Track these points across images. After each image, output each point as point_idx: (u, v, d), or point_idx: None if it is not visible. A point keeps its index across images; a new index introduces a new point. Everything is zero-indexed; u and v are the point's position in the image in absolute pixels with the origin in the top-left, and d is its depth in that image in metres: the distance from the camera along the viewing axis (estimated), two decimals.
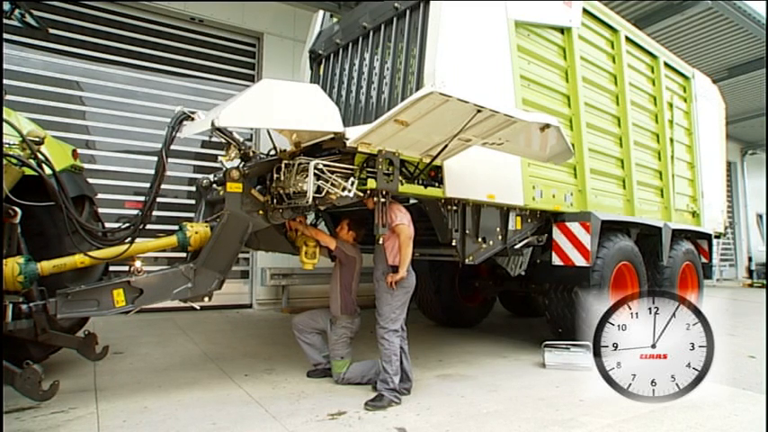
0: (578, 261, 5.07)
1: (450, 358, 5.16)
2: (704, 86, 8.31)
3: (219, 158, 4.23)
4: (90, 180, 4.53)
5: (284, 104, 3.52)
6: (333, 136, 3.71)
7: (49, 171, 3.40)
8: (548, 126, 3.45)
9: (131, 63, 7.88)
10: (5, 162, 3.11)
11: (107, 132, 7.65)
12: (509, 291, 7.33)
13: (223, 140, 3.93)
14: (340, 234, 4.25)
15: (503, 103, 3.74)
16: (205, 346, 5.54)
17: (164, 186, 3.84)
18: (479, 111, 3.05)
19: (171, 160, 3.86)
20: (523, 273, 5.34)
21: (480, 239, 4.67)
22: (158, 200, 3.81)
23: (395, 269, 3.81)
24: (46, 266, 3.29)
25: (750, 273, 18.47)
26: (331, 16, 6.30)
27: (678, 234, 6.92)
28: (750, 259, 18.98)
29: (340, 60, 5.65)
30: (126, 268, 3.59)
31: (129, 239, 3.63)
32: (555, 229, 5.27)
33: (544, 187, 5.05)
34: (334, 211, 5.33)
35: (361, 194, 3.71)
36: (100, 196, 4.81)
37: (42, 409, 3.32)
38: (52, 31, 6.38)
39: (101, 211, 4.52)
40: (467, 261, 4.58)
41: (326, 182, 3.66)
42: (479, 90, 4.18)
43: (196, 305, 3.78)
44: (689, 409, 3.52)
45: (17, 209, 3.23)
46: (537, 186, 4.96)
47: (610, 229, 5.53)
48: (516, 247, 5.07)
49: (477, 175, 4.41)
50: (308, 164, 3.65)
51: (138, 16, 7.99)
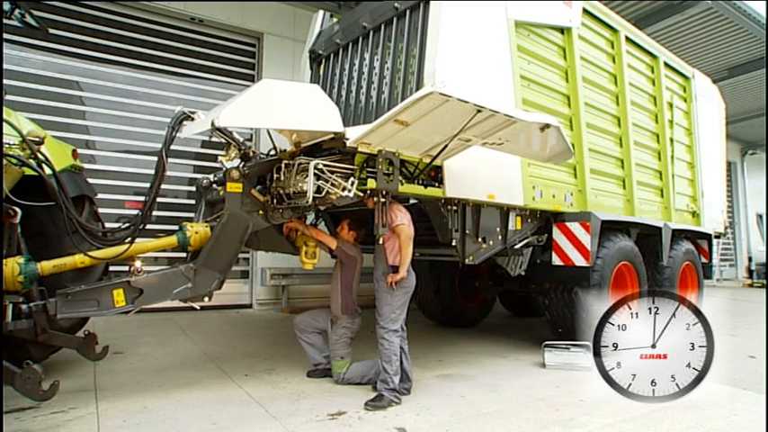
0: (578, 261, 5.07)
1: (451, 358, 5.16)
2: (704, 86, 8.31)
3: (219, 158, 4.22)
4: (90, 180, 4.53)
5: (284, 104, 3.52)
6: (333, 136, 3.71)
7: (49, 171, 3.40)
8: (548, 126, 3.45)
9: (131, 63, 7.88)
10: (5, 162, 3.11)
11: (107, 132, 7.64)
12: (509, 291, 7.32)
13: (223, 140, 3.93)
14: (341, 234, 4.25)
15: (503, 103, 3.73)
16: (205, 346, 5.54)
17: (164, 186, 3.84)
18: (479, 111, 3.05)
19: (171, 160, 3.86)
20: (523, 273, 5.34)
21: (480, 239, 4.67)
22: (158, 200, 3.81)
23: (395, 269, 3.81)
24: (46, 266, 3.29)
25: (750, 273, 18.47)
26: (331, 16, 6.30)
27: (678, 234, 6.92)
28: (750, 259, 18.98)
29: (340, 60, 5.65)
30: (126, 268, 3.59)
31: (129, 239, 3.63)
32: (555, 229, 5.28)
33: (544, 187, 5.05)
34: (334, 211, 5.33)
35: (361, 194, 3.71)
36: (100, 196, 4.81)
37: (42, 409, 3.32)
38: (52, 31, 6.38)
39: (101, 211, 4.52)
40: (467, 261, 4.58)
41: (326, 182, 3.66)
42: (479, 90, 4.18)
43: (196, 305, 3.78)
44: (689, 409, 3.52)
45: (17, 209, 3.23)
46: (537, 186, 4.96)
47: (610, 229, 5.54)
48: (516, 247, 5.07)
49: (477, 175, 4.41)
50: (308, 164, 3.65)
51: (138, 16, 7.99)
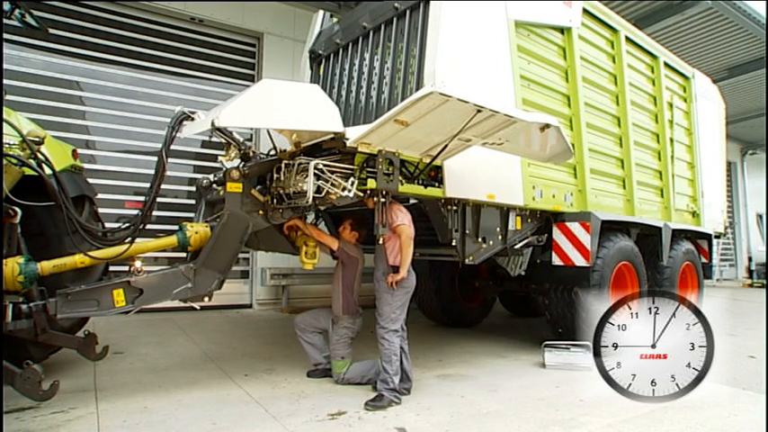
0: (578, 261, 5.07)
1: (451, 358, 5.16)
2: (704, 86, 8.31)
3: (219, 158, 4.23)
4: (90, 180, 4.53)
5: (284, 104, 3.52)
6: (333, 136, 3.71)
7: (49, 171, 3.40)
8: (548, 126, 3.45)
9: (131, 63, 7.88)
10: (5, 162, 3.11)
11: (107, 132, 7.64)
12: (509, 291, 7.33)
13: (223, 140, 3.93)
14: (342, 234, 4.25)
15: (503, 103, 3.73)
16: (205, 346, 5.54)
17: (164, 186, 3.84)
18: (479, 111, 3.05)
19: (171, 160, 3.86)
20: (523, 273, 5.35)
21: (480, 239, 4.67)
22: (158, 200, 3.81)
23: (395, 269, 3.81)
24: (46, 266, 3.29)
25: (750, 273, 18.46)
26: (331, 16, 6.30)
27: (678, 234, 6.92)
28: (750, 259, 18.97)
29: (340, 60, 5.65)
30: (126, 268, 3.59)
31: (129, 239, 3.63)
32: (555, 229, 5.27)
33: (544, 187, 5.05)
34: (334, 212, 5.33)
35: (361, 194, 3.71)
36: (100, 196, 4.81)
37: (42, 409, 3.32)
38: (52, 31, 6.40)
39: (101, 211, 4.52)
40: (467, 261, 4.58)
41: (326, 182, 3.66)
42: (479, 90, 4.18)
43: (196, 305, 3.78)
44: (689, 409, 3.52)
45: (17, 209, 3.23)
46: (537, 186, 4.96)
47: (610, 229, 5.53)
48: (516, 247, 5.07)
49: (477, 175, 4.41)
50: (308, 164, 3.65)
51: (138, 16, 7.99)
